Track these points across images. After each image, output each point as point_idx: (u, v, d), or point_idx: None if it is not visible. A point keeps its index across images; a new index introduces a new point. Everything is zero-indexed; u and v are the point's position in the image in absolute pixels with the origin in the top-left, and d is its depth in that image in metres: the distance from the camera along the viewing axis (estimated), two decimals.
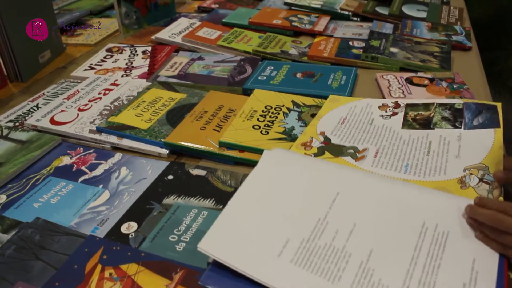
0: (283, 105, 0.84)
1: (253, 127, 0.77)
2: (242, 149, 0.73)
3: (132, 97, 0.91)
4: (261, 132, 0.76)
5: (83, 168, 0.72)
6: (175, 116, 0.83)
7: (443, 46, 1.06)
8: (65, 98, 0.91)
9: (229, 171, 0.70)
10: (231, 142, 0.73)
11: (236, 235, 0.54)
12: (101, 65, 1.08)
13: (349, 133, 0.75)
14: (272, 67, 1.00)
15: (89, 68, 1.07)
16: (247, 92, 0.91)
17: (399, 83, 0.91)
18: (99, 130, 0.80)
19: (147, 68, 1.05)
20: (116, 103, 0.89)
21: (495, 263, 0.50)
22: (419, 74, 0.94)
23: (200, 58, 1.07)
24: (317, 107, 0.83)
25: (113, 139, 0.78)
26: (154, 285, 0.51)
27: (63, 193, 0.67)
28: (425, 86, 0.89)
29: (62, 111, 0.86)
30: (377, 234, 0.54)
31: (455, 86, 0.88)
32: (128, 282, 0.51)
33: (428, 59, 1.00)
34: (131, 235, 0.58)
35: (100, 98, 0.91)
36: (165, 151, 0.75)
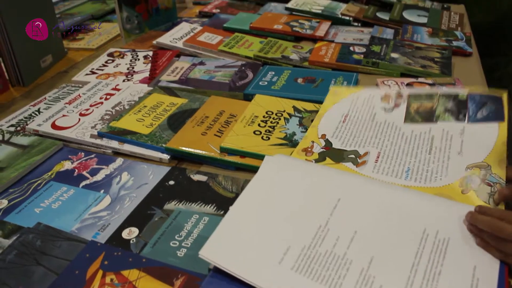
0: (284, 111, 0.84)
1: (254, 132, 0.78)
2: (243, 154, 0.73)
3: (133, 102, 0.91)
4: (262, 137, 0.76)
5: (84, 173, 0.73)
6: (176, 121, 0.83)
7: (444, 51, 1.07)
8: (66, 103, 0.91)
9: (230, 176, 0.70)
10: (232, 148, 0.74)
11: (237, 242, 0.54)
12: (102, 69, 1.08)
13: (350, 133, 0.74)
14: (273, 73, 1.00)
15: (91, 72, 1.07)
16: (248, 98, 0.91)
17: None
18: (100, 135, 0.80)
19: (148, 73, 1.05)
20: (117, 108, 0.89)
21: (495, 270, 0.50)
22: (420, 79, 0.95)
23: (201, 63, 1.07)
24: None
25: (114, 144, 0.78)
26: None
27: (65, 198, 0.67)
28: None
29: (64, 115, 0.86)
30: (378, 241, 0.54)
31: None
32: None
33: (428, 65, 1.00)
34: (132, 240, 0.58)
35: (102, 103, 0.91)
36: (166, 157, 0.75)
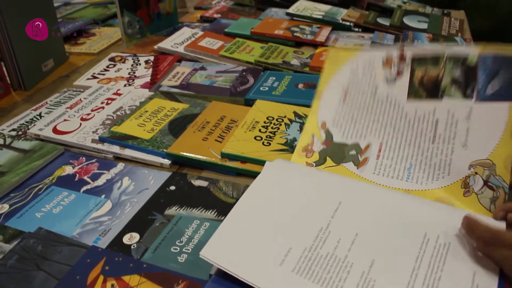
0: (285, 116, 0.84)
1: (255, 138, 0.78)
2: (244, 160, 0.73)
3: (134, 107, 0.91)
4: (263, 143, 0.77)
5: (85, 178, 0.73)
6: (177, 126, 0.83)
7: None
8: (68, 107, 0.91)
9: (231, 182, 0.70)
10: (233, 153, 0.74)
11: (238, 243, 0.54)
12: (104, 74, 1.09)
13: (351, 118, 0.72)
14: (274, 78, 1.01)
15: (92, 77, 1.08)
16: (249, 103, 0.92)
17: None
18: (101, 140, 0.80)
19: (149, 77, 1.05)
20: (118, 113, 0.90)
21: (495, 276, 0.50)
22: None
23: (203, 68, 1.07)
24: None
25: (115, 149, 0.78)
26: None
27: (66, 203, 0.67)
28: None
29: (65, 120, 0.87)
30: (378, 244, 0.54)
31: None
32: None
33: None
34: (133, 246, 0.59)
35: (103, 107, 0.92)
36: (167, 162, 0.75)
